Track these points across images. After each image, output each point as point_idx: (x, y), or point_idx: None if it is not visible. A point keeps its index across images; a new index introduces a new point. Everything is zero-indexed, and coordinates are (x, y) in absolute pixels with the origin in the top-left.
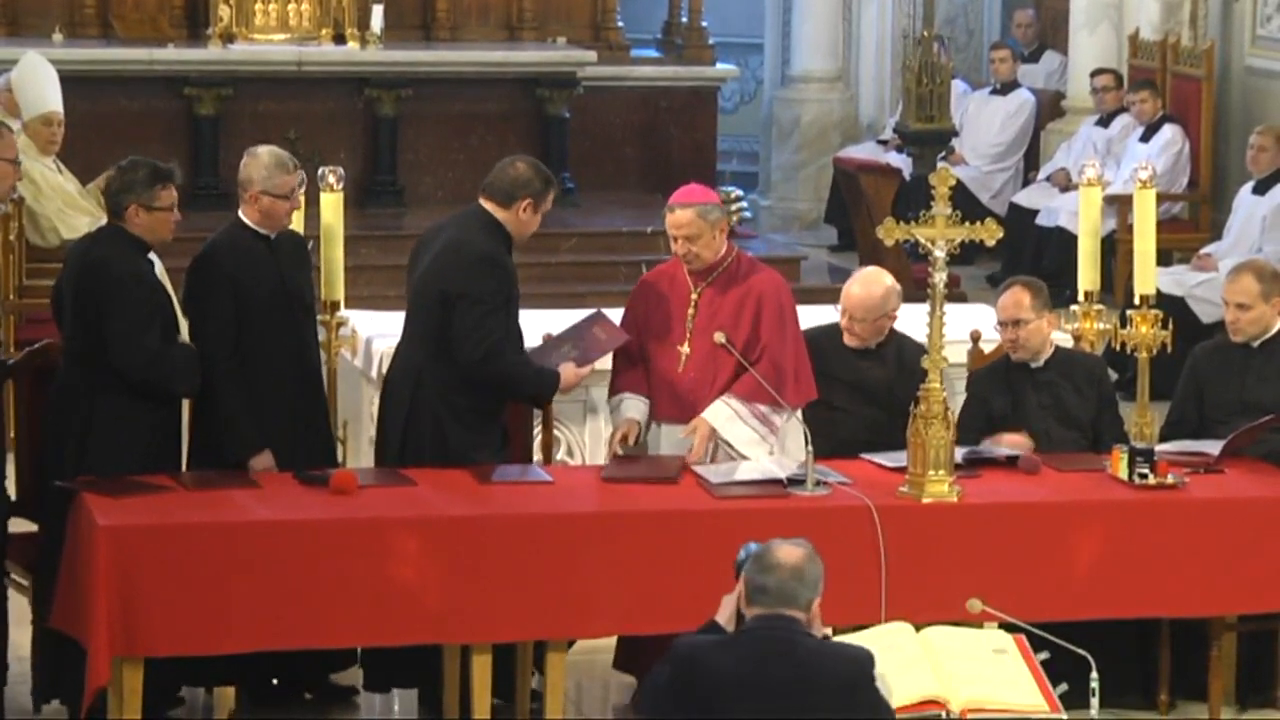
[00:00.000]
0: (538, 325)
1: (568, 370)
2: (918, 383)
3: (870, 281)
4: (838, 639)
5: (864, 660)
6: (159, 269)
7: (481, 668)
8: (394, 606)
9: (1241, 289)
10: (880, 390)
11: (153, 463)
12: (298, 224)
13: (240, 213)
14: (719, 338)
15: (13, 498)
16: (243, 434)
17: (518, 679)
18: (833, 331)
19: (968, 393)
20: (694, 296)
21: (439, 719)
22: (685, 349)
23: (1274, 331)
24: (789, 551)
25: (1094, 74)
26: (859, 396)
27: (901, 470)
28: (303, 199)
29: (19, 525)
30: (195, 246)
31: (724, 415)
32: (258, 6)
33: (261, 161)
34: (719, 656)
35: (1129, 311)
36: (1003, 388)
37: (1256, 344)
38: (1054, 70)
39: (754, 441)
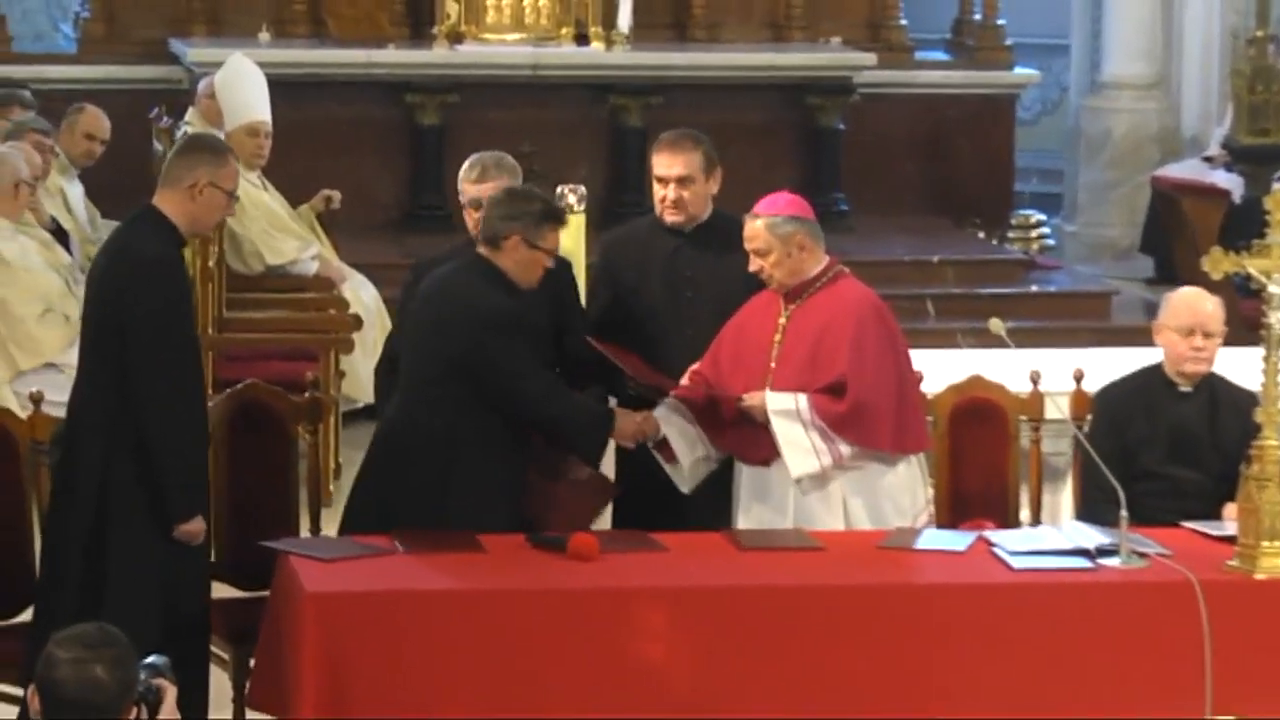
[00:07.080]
0: None
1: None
2: (1245, 435)
3: (1202, 292)
4: None
5: None
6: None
7: None
8: (637, 683)
9: None
10: (1201, 444)
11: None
12: None
13: None
14: (997, 326)
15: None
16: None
17: None
18: (1152, 378)
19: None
20: (781, 320)
21: None
22: (770, 376)
23: None
24: None
25: None
26: (1178, 453)
27: (1230, 540)
28: None
29: (222, 591)
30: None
31: (784, 404)
32: (489, 2)
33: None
34: None
35: None
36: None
37: None
38: None
39: (801, 449)
